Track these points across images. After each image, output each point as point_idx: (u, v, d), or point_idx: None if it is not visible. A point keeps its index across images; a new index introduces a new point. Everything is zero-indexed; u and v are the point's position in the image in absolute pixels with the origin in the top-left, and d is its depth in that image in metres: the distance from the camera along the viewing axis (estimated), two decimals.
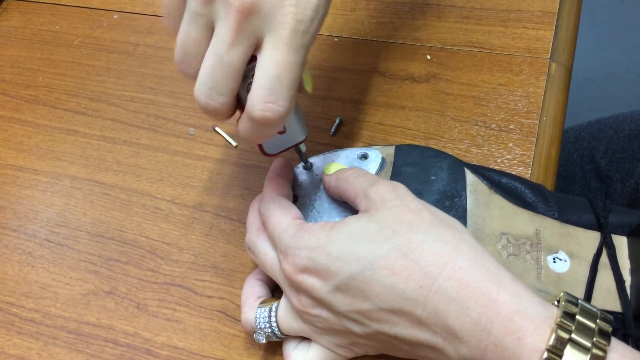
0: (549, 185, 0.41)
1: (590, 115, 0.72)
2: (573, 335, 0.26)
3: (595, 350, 0.26)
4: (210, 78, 0.30)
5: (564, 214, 0.37)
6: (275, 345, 0.37)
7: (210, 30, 0.30)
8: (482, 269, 0.28)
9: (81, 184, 0.47)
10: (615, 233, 0.37)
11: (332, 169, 0.38)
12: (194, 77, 0.31)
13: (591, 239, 0.36)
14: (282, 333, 0.34)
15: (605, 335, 0.27)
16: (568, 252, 0.36)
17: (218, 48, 0.29)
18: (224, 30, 0.29)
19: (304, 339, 0.35)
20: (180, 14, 0.31)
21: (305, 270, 0.31)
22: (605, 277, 0.35)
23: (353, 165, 0.39)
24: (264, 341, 0.35)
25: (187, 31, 0.30)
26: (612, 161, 0.63)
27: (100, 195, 0.46)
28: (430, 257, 0.29)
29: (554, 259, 0.35)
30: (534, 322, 0.27)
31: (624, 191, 0.59)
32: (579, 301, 0.28)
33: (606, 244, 0.36)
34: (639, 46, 1.46)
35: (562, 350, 0.26)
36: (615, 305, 0.34)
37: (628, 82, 1.41)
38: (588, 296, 0.35)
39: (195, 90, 0.31)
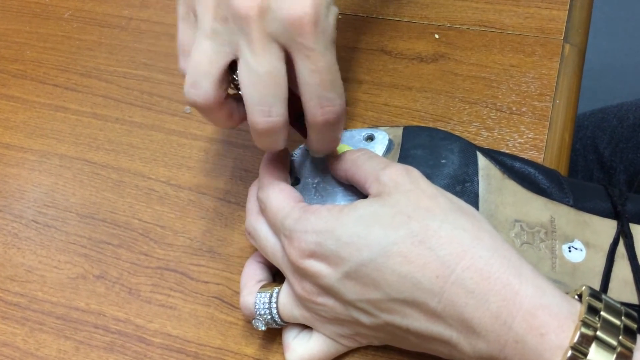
0: (563, 170, 0.40)
1: (593, 104, 0.70)
2: (599, 333, 0.25)
3: (621, 349, 0.24)
4: (259, 96, 0.28)
5: (580, 201, 0.35)
6: (274, 333, 0.35)
7: (228, 50, 0.29)
8: (503, 260, 0.27)
9: (71, 163, 0.45)
10: (632, 222, 0.35)
11: (338, 150, 0.36)
12: (205, 103, 0.30)
13: (608, 227, 0.35)
14: (282, 320, 0.33)
15: (630, 333, 0.25)
16: (584, 241, 0.34)
17: (251, 64, 0.28)
18: (248, 45, 0.28)
19: (304, 327, 0.33)
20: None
21: (312, 255, 0.29)
22: (622, 267, 0.34)
23: (358, 147, 0.37)
24: (264, 328, 0.33)
25: (202, 51, 0.29)
26: (616, 151, 0.61)
27: (90, 175, 0.44)
28: (449, 245, 0.27)
29: (569, 248, 0.34)
30: (557, 318, 0.25)
31: (632, 182, 0.58)
32: (603, 296, 0.27)
33: (623, 233, 0.34)
34: None
35: (587, 349, 0.24)
36: (632, 297, 0.33)
37: (633, 71, 1.40)
38: (604, 287, 0.33)
39: (248, 116, 0.29)
